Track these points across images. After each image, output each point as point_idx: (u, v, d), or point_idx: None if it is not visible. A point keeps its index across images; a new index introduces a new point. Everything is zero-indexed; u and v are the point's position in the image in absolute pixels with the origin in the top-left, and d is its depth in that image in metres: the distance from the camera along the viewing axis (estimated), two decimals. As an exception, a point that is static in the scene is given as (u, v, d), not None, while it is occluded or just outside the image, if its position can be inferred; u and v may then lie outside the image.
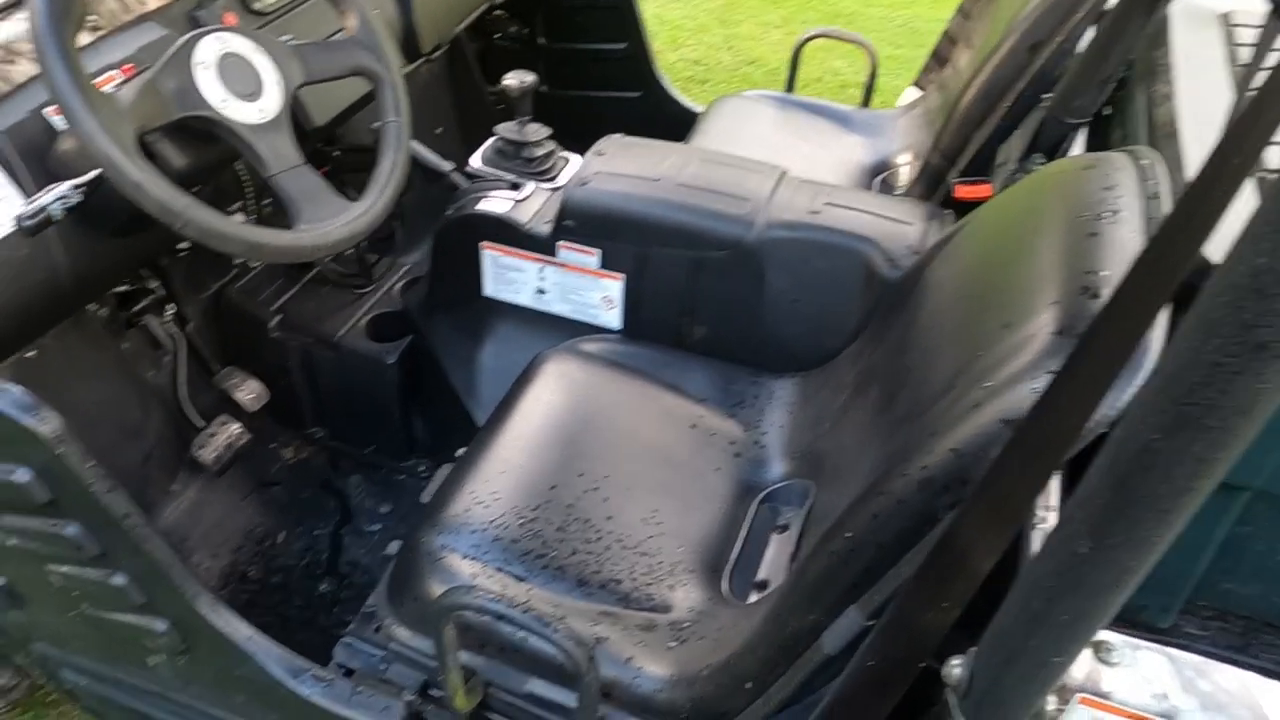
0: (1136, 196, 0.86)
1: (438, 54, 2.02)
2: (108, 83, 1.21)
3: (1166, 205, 0.85)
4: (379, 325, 1.84)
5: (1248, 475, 1.03)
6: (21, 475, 1.06)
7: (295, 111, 1.40)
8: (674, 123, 2.30)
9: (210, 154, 1.20)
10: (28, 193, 1.16)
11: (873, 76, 2.15)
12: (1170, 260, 0.59)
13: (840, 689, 0.89)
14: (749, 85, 3.53)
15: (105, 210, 1.17)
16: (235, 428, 1.74)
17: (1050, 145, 1.33)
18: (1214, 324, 0.47)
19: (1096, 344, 0.63)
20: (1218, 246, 0.50)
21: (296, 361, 1.83)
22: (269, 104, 1.16)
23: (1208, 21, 1.31)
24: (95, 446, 1.54)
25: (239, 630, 1.18)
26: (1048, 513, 0.87)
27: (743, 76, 3.83)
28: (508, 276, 1.63)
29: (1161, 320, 0.75)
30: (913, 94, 2.20)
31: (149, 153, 1.12)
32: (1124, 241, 0.81)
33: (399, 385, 1.79)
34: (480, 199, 1.61)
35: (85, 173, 1.08)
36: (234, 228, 1.06)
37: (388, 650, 1.23)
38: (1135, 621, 1.22)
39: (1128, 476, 0.54)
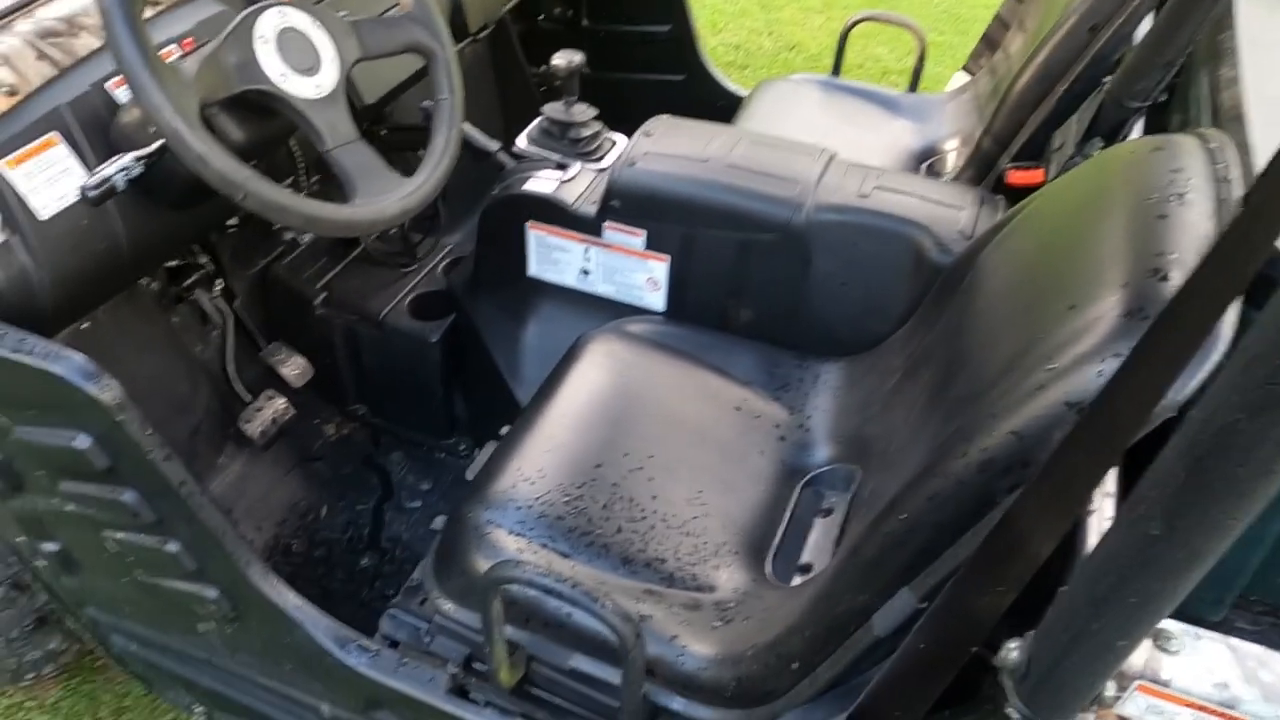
0: (1206, 179, 0.84)
1: (483, 34, 2.03)
2: (167, 57, 1.22)
3: (1238, 188, 0.83)
4: (422, 304, 1.85)
5: (1309, 467, 1.01)
6: (82, 441, 1.08)
7: (348, 89, 1.41)
8: (718, 106, 2.29)
9: (267, 128, 1.21)
10: (89, 165, 1.18)
11: (921, 60, 2.13)
12: (1247, 247, 0.58)
13: (889, 671, 0.88)
14: (789, 71, 3.50)
15: (165, 183, 1.19)
16: (281, 403, 1.76)
17: (1109, 130, 1.31)
18: (1307, 300, 0.46)
19: (1167, 330, 0.62)
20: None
21: (340, 338, 1.85)
22: (326, 79, 1.17)
23: (1274, 3, 1.28)
24: (148, 418, 1.57)
25: (288, 599, 1.20)
26: (1103, 499, 0.86)
27: (783, 62, 3.80)
28: (553, 257, 1.63)
29: (1233, 307, 0.74)
30: (961, 79, 2.17)
31: (208, 126, 1.14)
32: (1194, 224, 0.80)
33: (441, 364, 1.81)
34: (526, 179, 1.61)
35: (147, 145, 1.10)
36: (293, 200, 1.07)
37: (432, 623, 1.24)
38: (1185, 614, 1.20)
39: (1205, 457, 0.53)
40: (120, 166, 1.07)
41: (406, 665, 1.21)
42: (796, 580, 1.21)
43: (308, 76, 1.15)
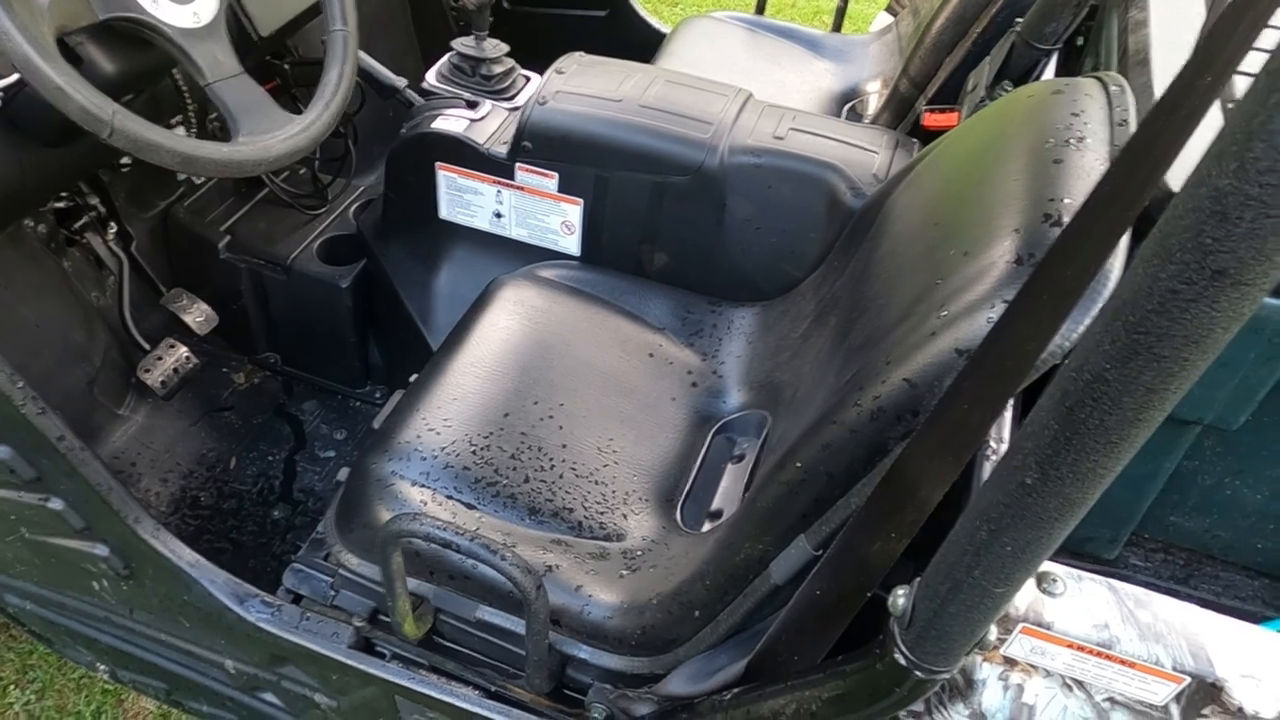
0: (1103, 123, 0.84)
1: (394, -37, 1.93)
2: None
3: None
4: (332, 248, 1.79)
5: (1198, 410, 1.03)
6: (-53, 396, 1.02)
7: (239, 20, 1.33)
8: (641, 44, 2.23)
9: (143, 61, 1.13)
10: (-54, 98, 1.09)
11: (845, 0, 2.09)
12: (1132, 186, 0.57)
13: (787, 617, 0.89)
14: (719, 6, 3.43)
15: (32, 118, 1.11)
16: (183, 351, 1.69)
17: (1019, 72, 1.30)
18: (1171, 249, 0.45)
19: (1053, 272, 0.61)
20: (1181, 173, 0.48)
21: (247, 284, 1.78)
22: (204, 7, 1.09)
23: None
24: (38, 368, 1.49)
25: (183, 555, 1.16)
26: (1000, 444, 0.87)
27: (715, -1, 3.73)
28: (464, 199, 1.58)
29: (1121, 249, 0.73)
30: (885, 19, 2.14)
31: (74, 57, 1.06)
32: (1089, 169, 0.79)
33: (353, 309, 1.75)
34: (435, 118, 1.55)
35: (4, 77, 1.02)
36: (166, 138, 1.00)
37: (337, 576, 1.21)
38: (1082, 553, 1.24)
39: (1076, 407, 0.52)
40: (-27, 100, 0.99)
41: (309, 620, 1.19)
42: (707, 527, 1.21)
43: (183, 4, 1.07)
